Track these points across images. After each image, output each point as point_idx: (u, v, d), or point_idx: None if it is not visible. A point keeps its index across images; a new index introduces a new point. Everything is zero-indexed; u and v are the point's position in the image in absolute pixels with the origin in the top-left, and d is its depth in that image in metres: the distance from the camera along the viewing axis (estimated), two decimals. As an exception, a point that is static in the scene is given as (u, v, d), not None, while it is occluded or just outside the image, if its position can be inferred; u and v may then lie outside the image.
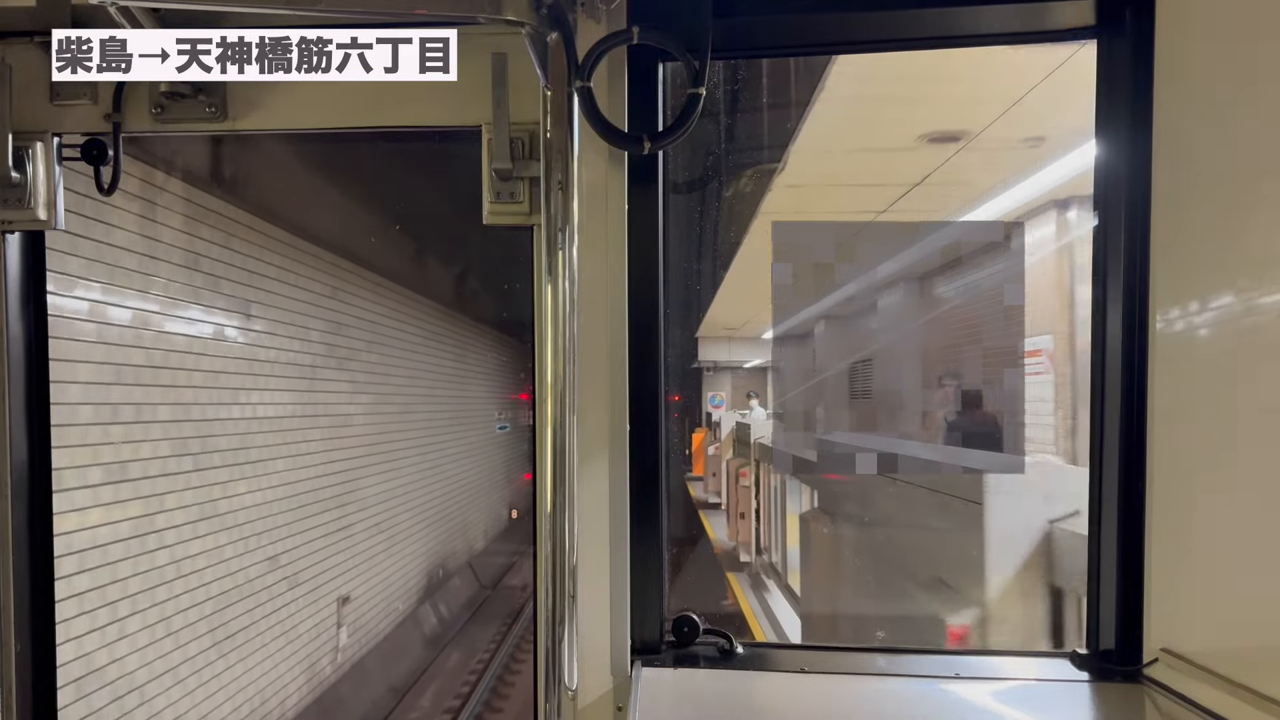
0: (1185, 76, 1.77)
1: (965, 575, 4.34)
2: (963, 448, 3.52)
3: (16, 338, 2.04)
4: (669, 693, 1.87)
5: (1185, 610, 1.79)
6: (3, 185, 1.95)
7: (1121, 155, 1.88)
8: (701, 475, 16.69)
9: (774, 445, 10.12)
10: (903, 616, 5.32)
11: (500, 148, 1.87)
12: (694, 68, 1.83)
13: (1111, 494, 1.90)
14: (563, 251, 1.81)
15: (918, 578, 4.98)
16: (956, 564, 4.50)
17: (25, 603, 2.05)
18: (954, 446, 3.54)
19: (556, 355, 1.80)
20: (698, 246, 8.55)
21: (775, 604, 9.78)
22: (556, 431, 1.80)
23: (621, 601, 1.97)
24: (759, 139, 5.76)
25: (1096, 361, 1.94)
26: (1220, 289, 1.69)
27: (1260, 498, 1.59)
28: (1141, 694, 1.81)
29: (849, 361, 4.14)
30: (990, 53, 3.56)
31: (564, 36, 1.75)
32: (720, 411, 17.42)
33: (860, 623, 6.07)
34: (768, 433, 10.82)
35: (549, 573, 1.80)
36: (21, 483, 2.05)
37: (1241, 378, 1.64)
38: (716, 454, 15.39)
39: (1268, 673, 1.52)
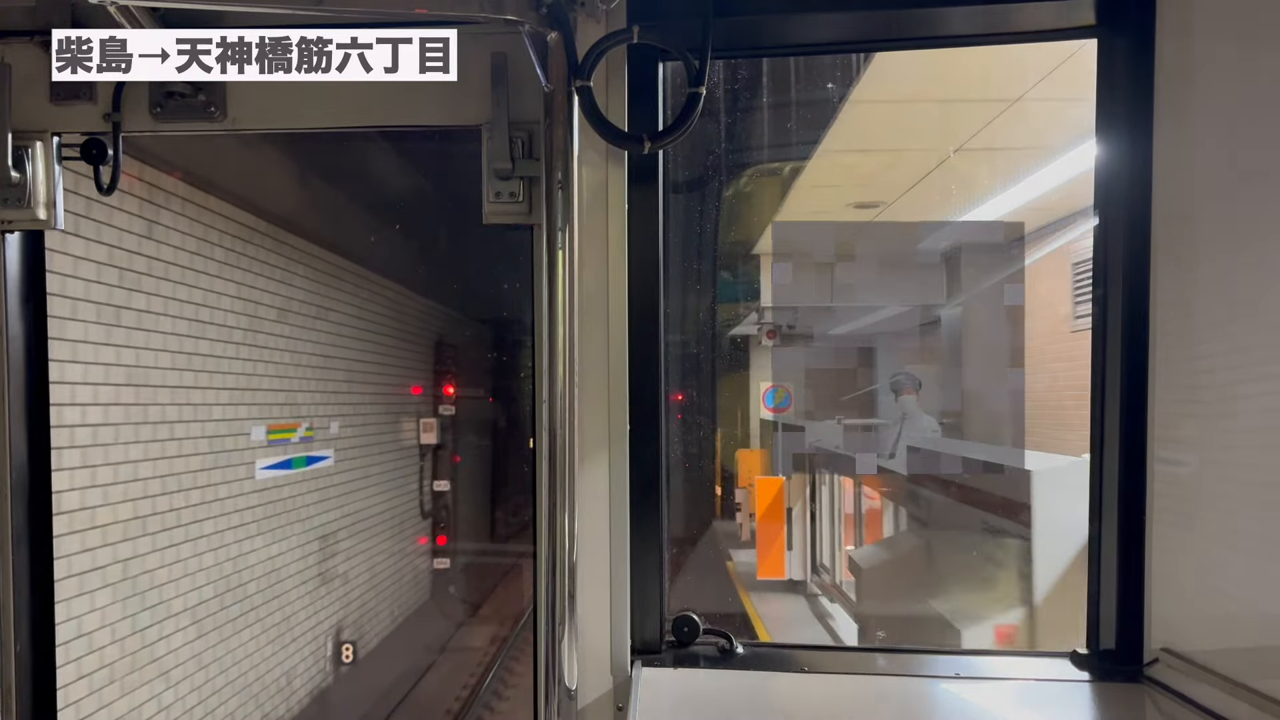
0: (1185, 76, 1.77)
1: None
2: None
3: (16, 337, 2.04)
4: (669, 693, 1.87)
5: (1185, 610, 1.79)
6: (3, 185, 1.95)
7: (1122, 155, 1.88)
8: (767, 559, 7.09)
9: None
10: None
11: (500, 147, 1.87)
12: (694, 67, 1.83)
13: (1111, 494, 1.90)
14: (563, 251, 1.81)
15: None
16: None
17: (25, 603, 2.05)
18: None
19: (556, 355, 1.80)
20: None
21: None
22: (556, 431, 1.80)
23: (621, 601, 1.97)
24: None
25: (1097, 361, 1.94)
26: (1221, 289, 1.68)
27: (1260, 498, 1.59)
28: (1142, 694, 1.81)
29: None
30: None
31: (564, 36, 1.75)
32: (785, 414, 6.92)
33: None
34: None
35: (549, 573, 1.80)
36: (21, 483, 2.05)
37: (1242, 378, 1.64)
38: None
39: (1268, 673, 1.52)
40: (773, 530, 6.95)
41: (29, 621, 2.07)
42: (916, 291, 5.86)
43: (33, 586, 2.08)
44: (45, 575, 2.12)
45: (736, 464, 7.88)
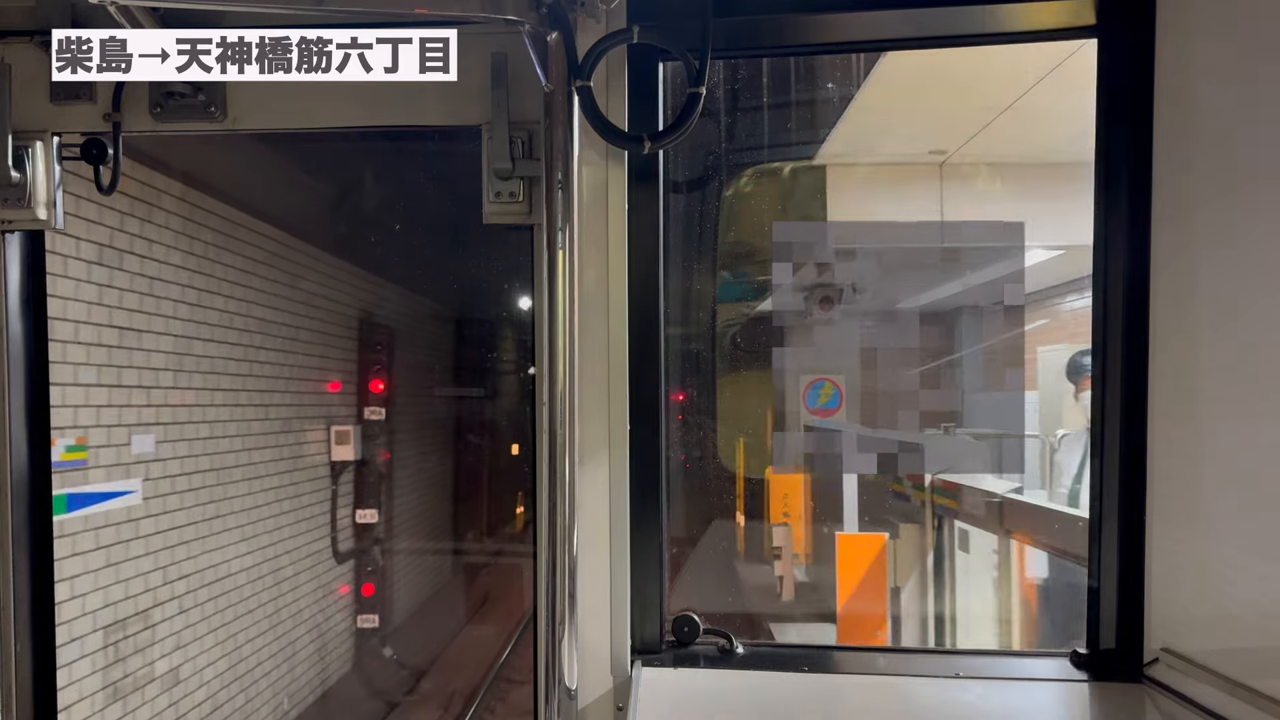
0: (1185, 76, 1.77)
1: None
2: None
3: (16, 337, 2.04)
4: (669, 692, 1.87)
5: (1185, 610, 1.79)
6: (3, 185, 1.95)
7: (1122, 155, 1.88)
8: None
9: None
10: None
11: (500, 147, 1.87)
12: (694, 67, 1.83)
13: (1112, 494, 1.90)
14: (563, 251, 1.81)
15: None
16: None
17: (25, 603, 2.05)
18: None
19: (556, 355, 1.80)
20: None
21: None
22: (557, 431, 1.80)
23: (621, 601, 1.97)
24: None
25: (1097, 361, 1.94)
26: (1220, 288, 1.68)
27: (1260, 498, 1.59)
28: (1141, 694, 1.81)
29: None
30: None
31: (564, 36, 1.75)
32: (833, 417, 3.93)
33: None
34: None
35: (549, 573, 1.80)
36: (22, 483, 2.05)
37: (1242, 378, 1.64)
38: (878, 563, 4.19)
39: (1268, 673, 1.52)
40: (870, 623, 4.13)
41: (29, 621, 2.07)
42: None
43: (33, 586, 2.08)
44: (45, 575, 2.12)
45: (769, 489, 5.41)
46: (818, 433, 3.96)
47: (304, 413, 6.20)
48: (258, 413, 5.61)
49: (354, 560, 6.88)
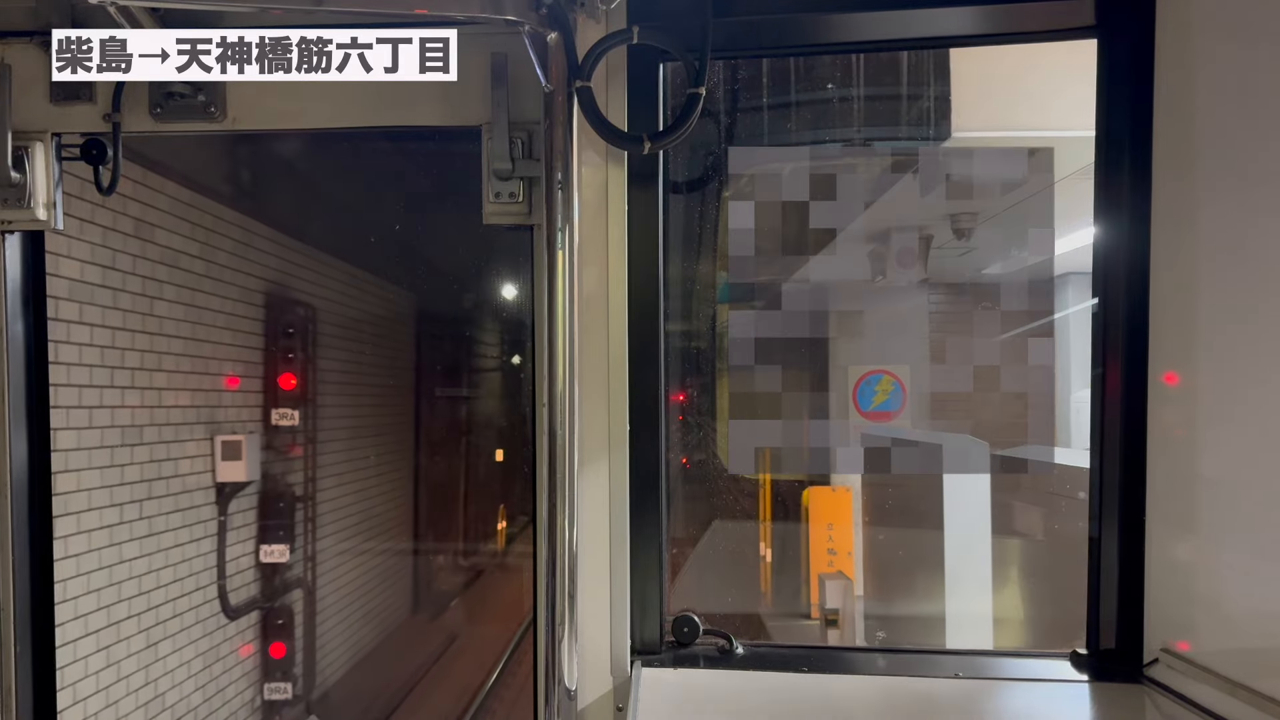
0: (1185, 76, 1.77)
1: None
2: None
3: (16, 337, 2.04)
4: (669, 693, 1.87)
5: (1185, 610, 1.79)
6: (3, 185, 1.95)
7: (1121, 155, 1.88)
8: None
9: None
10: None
11: (500, 148, 1.87)
12: (694, 67, 1.83)
13: (1112, 494, 1.90)
14: (563, 251, 1.81)
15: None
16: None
17: (25, 603, 2.05)
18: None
19: (556, 356, 1.80)
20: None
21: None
22: (556, 432, 1.80)
23: (621, 601, 1.97)
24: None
25: (1097, 360, 1.94)
26: (1221, 289, 1.69)
27: (1260, 498, 1.59)
28: (1141, 694, 1.81)
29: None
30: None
31: (564, 36, 1.75)
32: (892, 420, 2.56)
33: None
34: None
35: (549, 573, 1.80)
36: (21, 483, 2.05)
37: (1242, 378, 1.64)
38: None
39: (1268, 673, 1.52)
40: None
41: (29, 621, 2.07)
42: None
43: (33, 586, 2.08)
44: (45, 575, 2.12)
45: (807, 513, 4.24)
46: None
47: (179, 418, 4.16)
48: (102, 417, 3.57)
49: (258, 613, 5.02)
